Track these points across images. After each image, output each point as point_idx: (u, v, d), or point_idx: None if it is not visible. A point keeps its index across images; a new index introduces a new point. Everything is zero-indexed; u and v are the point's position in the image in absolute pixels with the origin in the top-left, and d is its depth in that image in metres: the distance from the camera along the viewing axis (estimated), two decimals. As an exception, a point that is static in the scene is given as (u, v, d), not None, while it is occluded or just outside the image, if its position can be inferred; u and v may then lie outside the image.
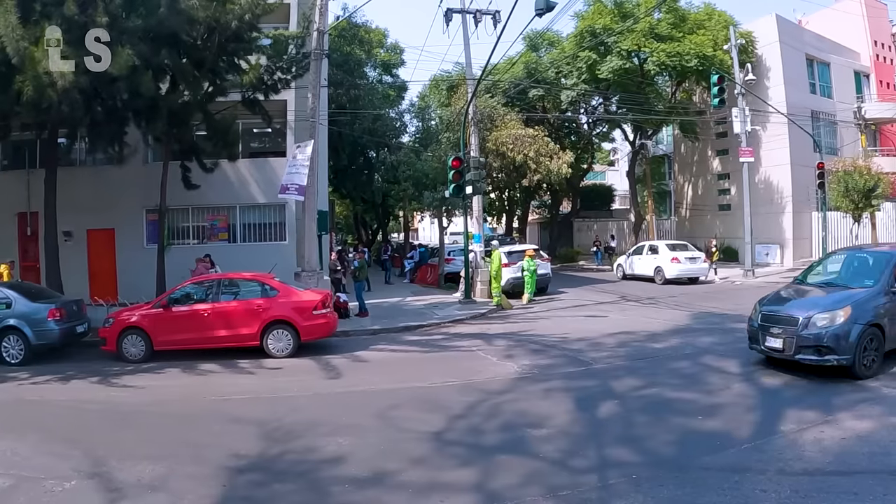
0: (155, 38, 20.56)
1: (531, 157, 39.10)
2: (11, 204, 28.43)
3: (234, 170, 28.34)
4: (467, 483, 8.04)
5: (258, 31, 23.84)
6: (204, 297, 18.40)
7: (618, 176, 77.03)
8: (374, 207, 62.84)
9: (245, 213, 29.47)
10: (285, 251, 27.90)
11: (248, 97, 24.58)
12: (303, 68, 24.83)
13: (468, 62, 33.00)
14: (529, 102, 47.84)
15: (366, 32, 54.34)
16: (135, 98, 20.84)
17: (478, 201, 31.24)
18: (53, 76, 17.49)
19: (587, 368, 14.42)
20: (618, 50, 41.75)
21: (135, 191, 27.58)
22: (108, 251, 28.15)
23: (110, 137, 23.65)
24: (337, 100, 42.59)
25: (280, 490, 8.18)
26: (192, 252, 26.60)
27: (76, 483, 8.59)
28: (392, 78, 58.28)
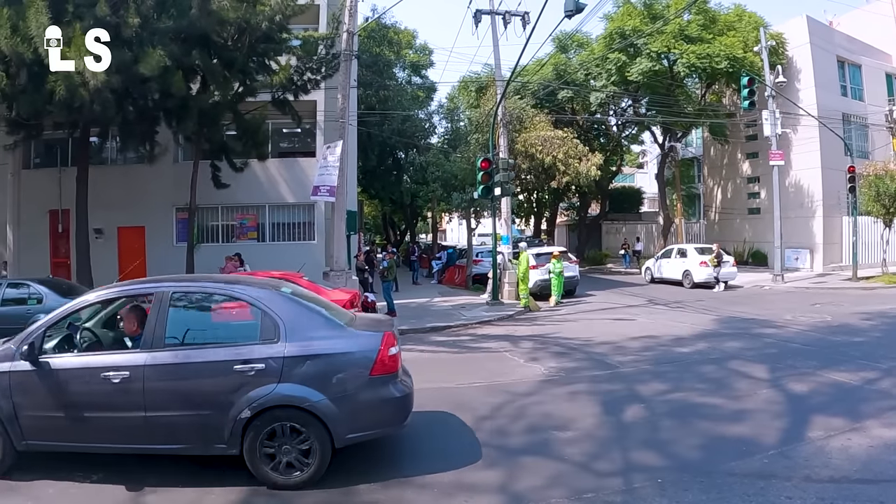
0: (186, 38, 20.81)
1: (560, 158, 38.94)
2: (43, 201, 28.81)
3: (264, 169, 28.51)
4: (492, 484, 8.00)
5: (288, 32, 24.01)
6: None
7: (647, 178, 76.74)
8: (402, 208, 62.99)
9: (274, 212, 29.65)
10: (314, 250, 28.05)
11: (277, 97, 24.76)
12: (332, 69, 24.96)
13: (497, 63, 33.04)
14: (558, 104, 47.63)
15: (395, 33, 54.43)
16: (166, 98, 21.09)
17: (506, 203, 31.26)
18: (85, 76, 17.69)
19: (613, 372, 14.32)
20: (647, 51, 41.42)
21: (165, 189, 27.86)
22: (138, 248, 28.39)
23: (141, 136, 23.90)
24: (366, 100, 42.71)
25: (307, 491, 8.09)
26: (221, 250, 26.79)
27: (101, 476, 8.58)
28: (421, 79, 58.32)
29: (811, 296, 28.63)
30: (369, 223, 76.16)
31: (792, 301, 26.63)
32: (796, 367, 13.91)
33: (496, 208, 29.64)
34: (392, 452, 9.31)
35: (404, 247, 62.37)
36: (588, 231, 58.85)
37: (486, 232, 45.27)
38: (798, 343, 17.01)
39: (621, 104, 51.02)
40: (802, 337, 17.96)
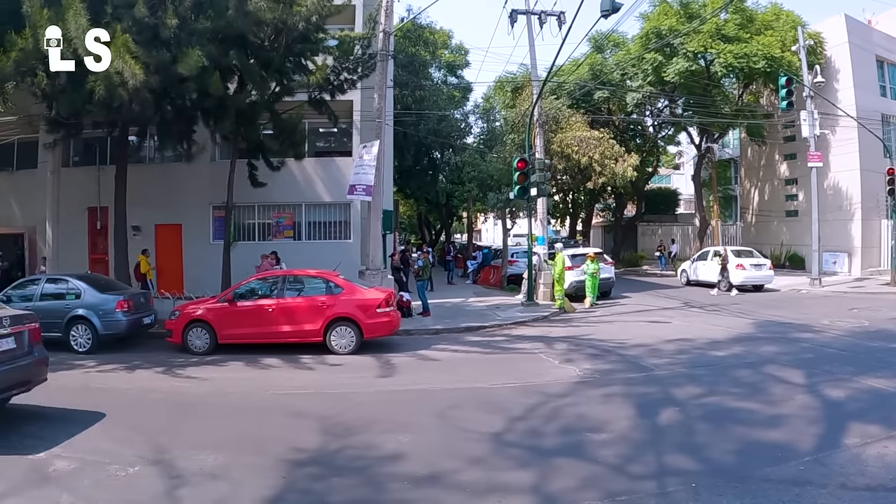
0: (223, 39, 20.96)
1: (596, 159, 38.83)
2: (82, 198, 29.22)
3: (300, 168, 28.67)
4: (525, 485, 8.00)
5: (324, 32, 24.10)
6: (268, 293, 18.70)
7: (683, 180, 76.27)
8: (437, 208, 63.09)
9: (310, 211, 29.80)
10: (350, 249, 28.16)
11: (314, 97, 24.87)
12: (368, 69, 25.04)
13: (533, 63, 32.99)
14: (595, 104, 47.46)
15: (430, 33, 54.49)
16: (203, 97, 21.26)
17: (542, 203, 31.20)
18: (124, 76, 17.89)
19: (648, 374, 14.28)
20: (684, 51, 41.14)
21: (202, 188, 28.11)
22: (175, 246, 28.67)
23: (179, 135, 24.07)
24: (402, 100, 42.82)
25: (338, 484, 8.24)
26: (257, 248, 27.04)
27: (139, 469, 8.79)
28: (457, 79, 58.33)
29: (849, 300, 28.33)
30: (405, 223, 76.33)
31: (829, 305, 26.39)
32: (833, 373, 13.78)
33: (532, 209, 29.54)
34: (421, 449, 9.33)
35: (439, 246, 62.40)
36: (624, 232, 58.52)
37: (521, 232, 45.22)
38: (835, 348, 16.87)
39: (658, 104, 50.69)
40: (839, 342, 17.80)
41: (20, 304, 18.90)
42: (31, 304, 18.91)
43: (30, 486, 8.28)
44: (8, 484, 8.34)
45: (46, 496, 7.91)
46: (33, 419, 11.36)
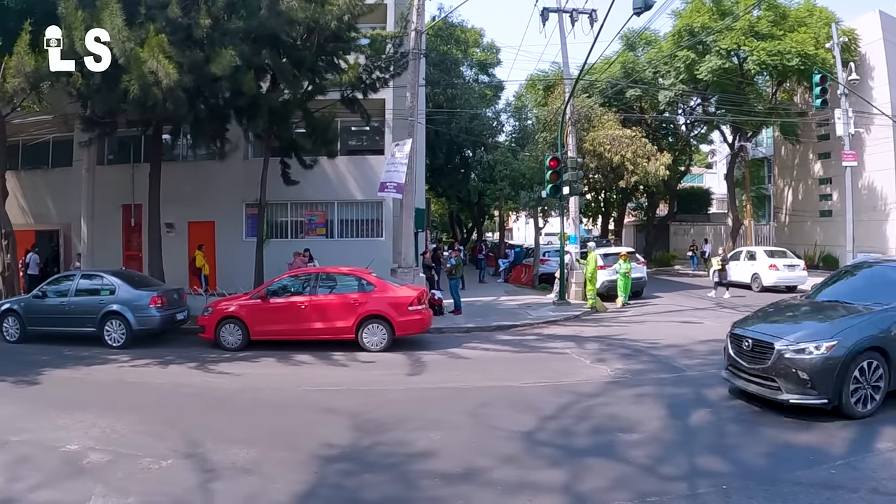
0: (256, 38, 21.12)
1: (628, 158, 38.62)
2: (116, 196, 29.50)
3: (333, 166, 28.72)
4: (556, 484, 8.03)
5: (356, 31, 24.17)
6: (301, 290, 18.85)
7: (715, 179, 75.74)
8: (469, 206, 62.96)
9: (343, 209, 29.87)
10: (382, 247, 28.20)
11: (346, 96, 24.93)
12: (401, 67, 25.10)
13: (565, 62, 32.87)
14: (627, 103, 47.19)
15: (462, 32, 54.43)
16: (237, 96, 21.39)
17: (574, 202, 31.12)
18: (158, 75, 18.10)
19: (680, 375, 14.22)
20: (716, 49, 40.76)
21: (235, 185, 28.25)
22: (207, 243, 28.81)
23: (212, 134, 24.23)
24: (434, 99, 42.85)
25: (370, 480, 8.31)
26: (289, 246, 27.13)
27: (172, 462, 8.93)
28: (488, 77, 58.23)
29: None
30: (436, 221, 76.35)
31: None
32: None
33: (564, 207, 29.49)
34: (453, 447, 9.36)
35: (471, 245, 62.38)
36: (656, 232, 58.12)
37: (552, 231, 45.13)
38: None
39: (690, 103, 50.37)
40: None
41: (55, 300, 19.29)
42: (66, 300, 19.38)
43: (64, 478, 8.43)
44: (42, 475, 8.51)
45: (80, 488, 8.04)
46: (67, 411, 11.54)
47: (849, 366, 10.18)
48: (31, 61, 19.33)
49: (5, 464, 8.98)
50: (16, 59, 19.39)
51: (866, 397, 10.40)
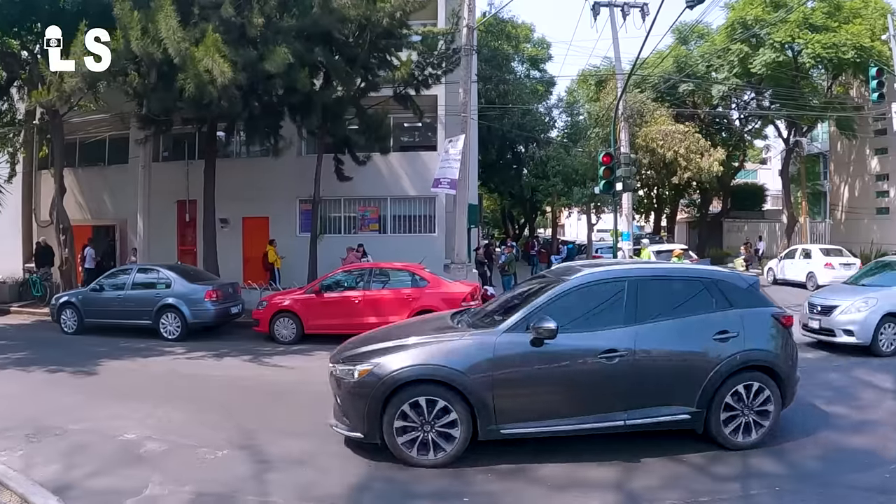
0: (309, 36, 21.28)
1: (681, 153, 38.38)
2: (172, 192, 29.88)
3: (386, 163, 28.81)
4: (606, 480, 8.01)
5: (408, 28, 24.17)
6: (355, 285, 19.12)
7: (770, 175, 74.63)
8: (521, 202, 62.85)
9: (396, 204, 29.93)
10: (434, 243, 28.19)
11: (399, 92, 25.00)
12: (453, 64, 25.12)
13: (617, 56, 32.72)
14: (679, 97, 46.82)
15: (513, 28, 54.35)
16: (290, 94, 21.60)
17: (627, 198, 30.96)
18: (213, 74, 18.34)
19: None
20: (770, 42, 40.19)
21: (289, 181, 28.44)
22: (261, 238, 29.03)
23: (266, 131, 24.48)
24: (486, 95, 42.87)
25: (423, 474, 8.32)
26: (343, 241, 27.28)
27: (227, 452, 9.08)
28: (539, 73, 58.15)
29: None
30: (488, 217, 76.26)
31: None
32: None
33: (617, 204, 29.33)
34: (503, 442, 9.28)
35: (523, 241, 62.16)
36: (709, 229, 57.39)
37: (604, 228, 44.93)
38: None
39: (744, 97, 49.78)
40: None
41: (112, 293, 19.68)
42: (122, 293, 19.79)
43: (122, 465, 8.61)
44: (100, 463, 8.69)
45: (137, 475, 8.20)
46: (124, 401, 11.80)
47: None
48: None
49: (64, 451, 9.17)
50: (73, 60, 19.73)
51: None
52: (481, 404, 8.47)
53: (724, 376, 8.69)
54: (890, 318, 15.70)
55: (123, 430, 9.93)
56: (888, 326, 15.70)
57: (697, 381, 8.66)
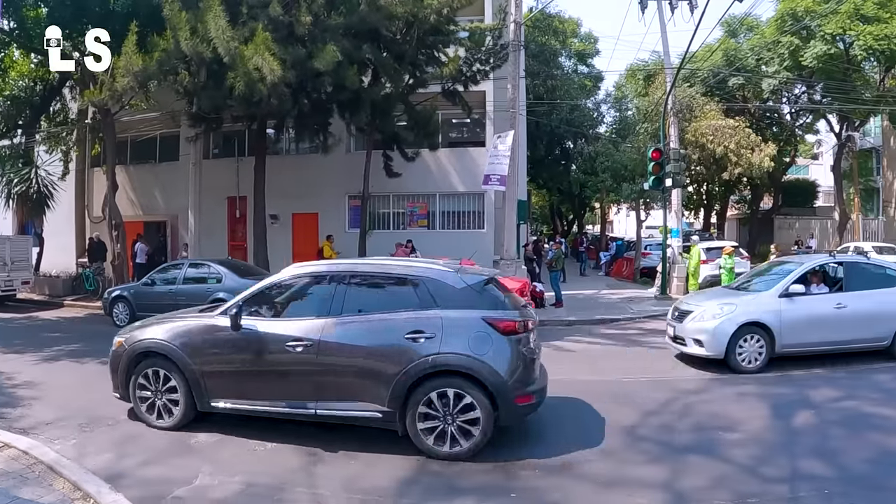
0: (356, 34, 21.53)
1: (732, 149, 37.96)
2: (222, 188, 30.36)
3: (434, 159, 28.88)
4: (654, 480, 7.97)
5: (455, 24, 24.25)
6: (404, 281, 18.93)
7: (821, 171, 73.60)
8: (570, 198, 62.60)
9: (444, 200, 30.01)
10: (483, 239, 28.20)
11: (447, 88, 25.08)
12: (500, 59, 25.12)
13: (665, 51, 32.37)
14: (729, 92, 46.16)
15: (559, 22, 54.18)
16: (339, 91, 21.78)
17: (677, 195, 30.64)
18: (263, 72, 18.57)
19: (783, 375, 13.72)
20: (821, 34, 39.29)
21: (338, 178, 28.64)
22: (311, 234, 29.28)
23: (315, 128, 24.74)
24: (534, 90, 42.77)
25: (469, 468, 8.36)
26: (392, 237, 27.43)
27: (277, 445, 9.21)
28: (587, 68, 57.88)
29: None
30: (536, 213, 76.10)
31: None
32: None
33: (667, 200, 29.13)
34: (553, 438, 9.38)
35: (571, 237, 61.93)
36: (759, 226, 56.47)
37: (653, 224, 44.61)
38: None
39: (795, 91, 49.02)
40: None
41: (164, 287, 19.99)
42: (174, 287, 20.11)
43: (172, 456, 8.80)
44: (152, 452, 8.89)
45: (188, 465, 8.37)
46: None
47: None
48: (138, 61, 20.21)
49: (116, 441, 9.38)
50: (124, 59, 20.25)
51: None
52: (194, 379, 9.47)
53: (415, 378, 8.56)
54: (752, 328, 13.93)
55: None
56: (750, 339, 13.91)
57: (386, 381, 8.65)
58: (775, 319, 13.90)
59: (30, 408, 11.11)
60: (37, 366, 15.08)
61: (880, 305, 14.21)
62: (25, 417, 10.58)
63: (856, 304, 14.11)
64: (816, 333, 14.11)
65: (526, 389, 8.81)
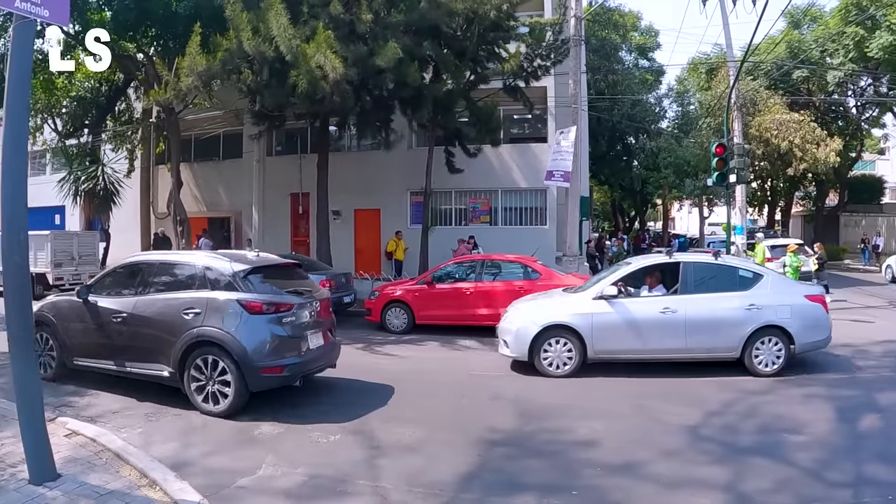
0: (417, 30, 21.68)
1: (796, 144, 37.33)
2: (285, 185, 30.87)
3: (496, 155, 28.90)
4: (718, 481, 7.87)
5: (515, 20, 24.23)
6: (466, 277, 19.22)
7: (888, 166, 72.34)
8: (632, 194, 62.09)
9: (506, 196, 30.02)
10: (545, 235, 28.10)
11: (508, 84, 25.06)
12: (561, 55, 25.03)
13: (728, 43, 31.89)
14: (793, 85, 45.20)
15: (619, 16, 53.65)
16: (401, 88, 21.96)
17: (741, 191, 30.24)
18: (325, 70, 18.80)
19: (850, 376, 13.52)
20: (887, 24, 38.24)
21: (400, 174, 28.86)
22: (373, 230, 29.57)
23: (377, 124, 24.92)
24: (595, 85, 42.53)
25: (531, 466, 8.38)
26: (453, 233, 27.68)
27: (340, 437, 9.34)
28: (648, 62, 57.32)
29: None
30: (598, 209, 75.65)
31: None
32: None
33: (730, 196, 28.77)
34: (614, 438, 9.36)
35: (633, 234, 61.46)
36: (825, 223, 55.43)
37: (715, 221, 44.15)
38: None
39: (860, 83, 48.08)
40: None
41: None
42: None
43: (236, 446, 9.02)
44: (216, 442, 9.13)
45: (252, 455, 8.55)
46: None
47: None
48: (202, 61, 20.69)
49: (182, 431, 9.63)
50: (188, 60, 20.79)
51: None
52: (63, 341, 11.95)
53: (186, 346, 10.37)
54: (558, 331, 13.22)
55: (238, 413, 10.25)
56: (555, 342, 13.21)
57: (170, 347, 10.48)
58: (585, 323, 13.19)
59: (97, 397, 11.38)
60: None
61: (721, 311, 13.21)
62: (93, 406, 10.86)
63: (688, 309, 13.15)
64: (637, 340, 13.26)
65: (275, 363, 10.37)
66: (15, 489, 7.00)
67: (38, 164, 41.06)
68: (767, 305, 13.03)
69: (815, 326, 13.34)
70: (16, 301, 7.05)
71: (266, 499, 7.39)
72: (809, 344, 13.38)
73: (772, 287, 13.49)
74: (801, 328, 13.06)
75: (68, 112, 34.78)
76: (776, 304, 13.09)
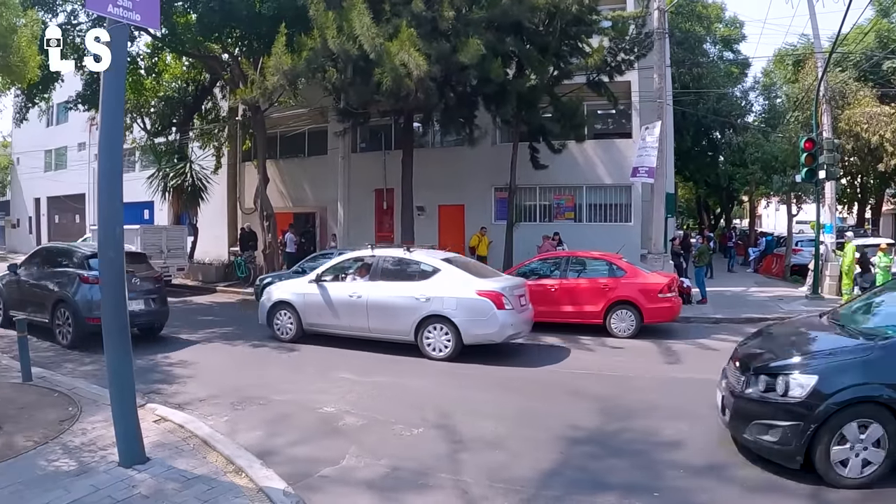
0: (499, 27, 21.70)
1: (887, 138, 36.19)
2: (369, 181, 31.23)
3: (581, 151, 28.69)
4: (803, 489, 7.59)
5: (597, 14, 24.13)
6: (550, 273, 19.04)
7: (985, 163, 70.05)
8: (717, 191, 61.12)
9: (591, 193, 29.73)
10: (630, 232, 27.78)
11: (592, 79, 24.93)
12: (645, 48, 24.76)
13: (815, 34, 30.98)
14: (884, 76, 43.64)
15: (703, 8, 52.64)
16: (484, 84, 22.03)
17: (830, 188, 29.51)
18: (409, 67, 19.01)
19: None
20: (981, 10, 37.27)
21: (484, 170, 28.89)
22: (457, 225, 29.64)
23: (461, 121, 24.96)
24: (679, 79, 41.95)
25: (614, 465, 8.31)
26: (538, 229, 27.63)
27: (422, 431, 9.42)
28: (733, 54, 56.24)
29: None
30: (683, 206, 74.66)
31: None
32: None
33: (819, 193, 28.05)
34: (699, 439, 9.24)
35: (719, 231, 60.48)
36: (917, 222, 54.14)
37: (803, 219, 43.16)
38: None
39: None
40: None
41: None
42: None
43: (320, 436, 9.18)
44: (300, 432, 9.32)
45: (335, 446, 8.70)
46: (324, 376, 12.63)
47: None
48: (287, 60, 21.18)
49: (267, 420, 9.87)
50: (274, 59, 21.33)
51: None
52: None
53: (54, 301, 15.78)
54: (284, 306, 16.56)
55: (323, 404, 10.50)
56: (283, 315, 16.55)
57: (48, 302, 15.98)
58: (300, 301, 16.25)
59: (184, 385, 11.78)
60: (191, 346, 15.96)
61: (396, 299, 15.01)
62: (180, 394, 11.22)
63: (371, 295, 15.28)
64: (334, 318, 15.80)
65: (94, 314, 13.18)
66: (104, 471, 7.26)
67: (128, 161, 42.00)
68: (436, 297, 14.52)
69: (480, 320, 14.29)
70: (111, 293, 7.26)
71: (349, 489, 7.50)
72: (477, 336, 14.41)
73: (445, 281, 14.75)
74: (465, 321, 14.26)
75: (156, 111, 35.78)
76: (444, 297, 14.49)
